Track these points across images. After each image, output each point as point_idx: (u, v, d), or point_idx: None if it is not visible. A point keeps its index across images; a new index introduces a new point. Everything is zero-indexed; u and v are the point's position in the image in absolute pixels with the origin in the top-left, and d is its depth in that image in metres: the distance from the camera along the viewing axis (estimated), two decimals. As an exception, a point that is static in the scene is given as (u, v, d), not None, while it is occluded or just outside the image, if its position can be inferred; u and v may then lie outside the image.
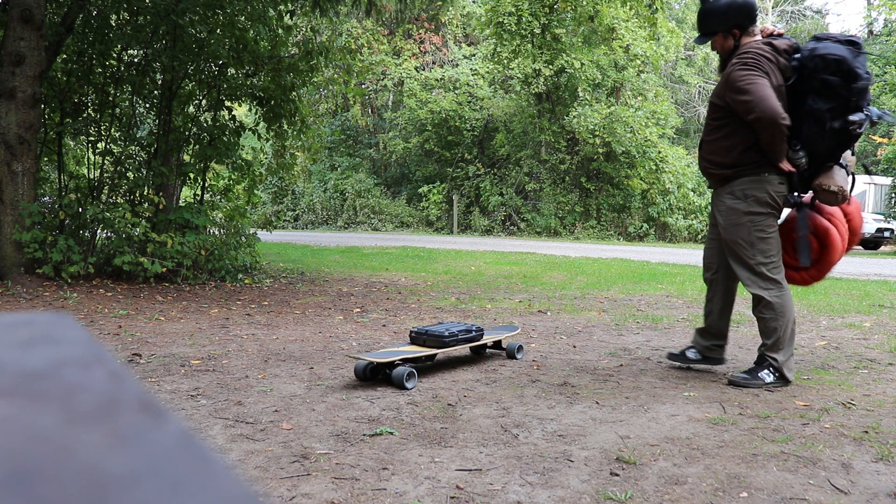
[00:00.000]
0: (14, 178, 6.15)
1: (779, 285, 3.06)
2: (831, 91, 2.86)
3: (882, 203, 18.96)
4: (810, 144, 2.97)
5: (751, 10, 3.04)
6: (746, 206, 3.04)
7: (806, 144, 2.98)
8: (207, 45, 7.05)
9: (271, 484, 1.95)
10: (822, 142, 2.94)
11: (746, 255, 3.07)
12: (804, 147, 2.98)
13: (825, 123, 2.88)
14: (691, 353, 3.43)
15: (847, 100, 2.86)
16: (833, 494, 1.89)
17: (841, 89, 2.84)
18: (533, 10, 18.13)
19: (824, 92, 2.87)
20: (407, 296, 6.37)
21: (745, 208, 3.05)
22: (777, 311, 3.03)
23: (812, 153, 3.01)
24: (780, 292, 3.05)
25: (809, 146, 2.98)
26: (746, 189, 3.04)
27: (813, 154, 3.00)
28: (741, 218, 3.05)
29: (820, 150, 2.99)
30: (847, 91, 2.84)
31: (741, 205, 3.05)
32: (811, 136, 2.94)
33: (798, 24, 32.22)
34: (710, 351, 3.38)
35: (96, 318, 4.78)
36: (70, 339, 0.32)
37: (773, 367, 3.04)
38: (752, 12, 3.06)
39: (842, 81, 2.83)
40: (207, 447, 0.25)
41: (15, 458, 0.22)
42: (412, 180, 23.95)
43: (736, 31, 3.05)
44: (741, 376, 3.10)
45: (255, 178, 8.13)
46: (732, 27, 3.05)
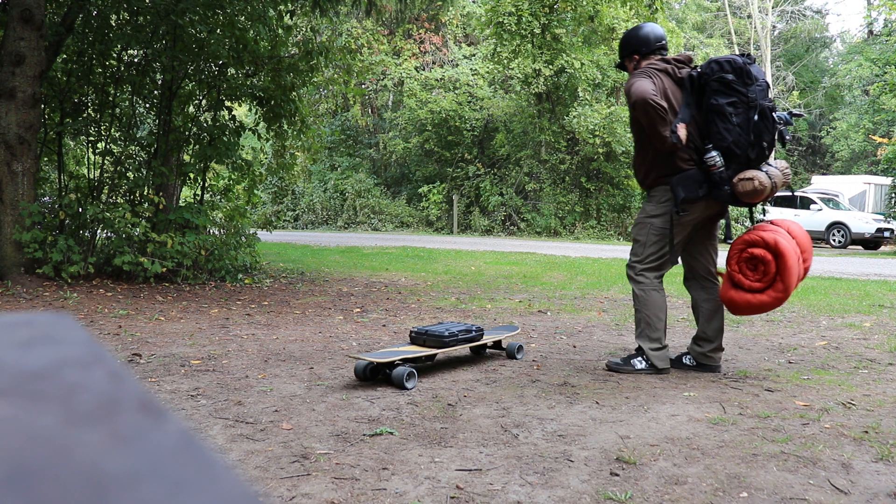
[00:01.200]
0: (14, 178, 6.15)
1: (647, 281, 3.33)
2: (729, 87, 3.12)
3: (882, 203, 18.97)
4: (719, 140, 3.13)
5: (644, 39, 3.39)
6: (654, 209, 3.33)
7: (715, 141, 3.15)
8: (207, 45, 7.05)
9: (271, 484, 1.95)
10: (730, 136, 3.10)
11: (635, 250, 3.39)
12: (716, 146, 3.14)
13: (728, 117, 3.10)
14: (687, 360, 3.46)
15: (746, 96, 3.09)
16: (833, 494, 1.89)
17: (737, 84, 3.10)
18: (533, 10, 18.13)
19: (722, 90, 3.13)
20: (407, 296, 6.37)
21: (652, 211, 3.33)
22: (641, 302, 3.35)
23: (728, 153, 3.13)
24: (645, 287, 3.34)
25: (719, 143, 3.14)
26: (660, 197, 3.31)
27: (729, 154, 3.13)
28: (646, 219, 3.35)
29: (735, 150, 3.11)
30: (744, 87, 3.10)
31: (651, 208, 3.35)
32: (719, 131, 3.13)
33: (798, 24, 32.22)
34: (704, 358, 3.42)
35: (96, 318, 4.78)
36: (70, 339, 0.32)
37: (644, 355, 3.34)
38: (648, 41, 3.38)
39: (736, 78, 3.11)
40: (207, 447, 0.25)
41: (15, 458, 0.22)
42: (412, 180, 23.95)
43: (635, 57, 3.41)
44: (616, 361, 3.42)
45: (255, 178, 8.13)
46: (631, 53, 3.43)
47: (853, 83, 27.84)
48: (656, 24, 3.48)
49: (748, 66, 3.13)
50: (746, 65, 3.14)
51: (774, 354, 3.83)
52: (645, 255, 3.36)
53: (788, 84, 30.48)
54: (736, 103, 3.10)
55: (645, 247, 3.36)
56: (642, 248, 3.37)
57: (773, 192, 3.18)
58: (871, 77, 25.86)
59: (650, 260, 3.35)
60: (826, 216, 16.96)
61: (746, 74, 3.11)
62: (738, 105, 3.10)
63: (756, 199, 3.17)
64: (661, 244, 3.32)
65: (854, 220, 16.60)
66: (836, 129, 28.61)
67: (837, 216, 16.87)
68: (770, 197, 3.24)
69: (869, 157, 27.29)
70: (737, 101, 3.10)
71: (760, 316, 5.20)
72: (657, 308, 3.33)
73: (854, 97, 28.46)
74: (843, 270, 9.45)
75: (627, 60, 3.47)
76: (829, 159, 31.25)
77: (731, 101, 3.11)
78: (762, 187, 3.08)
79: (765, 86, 3.15)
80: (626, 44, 3.46)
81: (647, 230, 3.35)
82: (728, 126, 3.11)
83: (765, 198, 3.17)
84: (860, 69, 26.67)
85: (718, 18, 31.46)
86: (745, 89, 3.10)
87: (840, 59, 33.08)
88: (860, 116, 26.87)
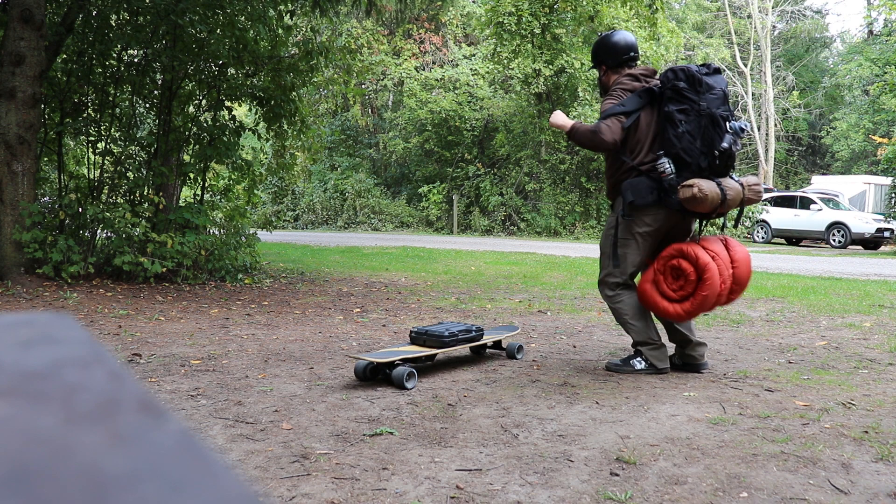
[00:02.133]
0: (14, 178, 6.15)
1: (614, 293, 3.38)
2: (680, 95, 3.14)
3: (882, 203, 18.97)
4: (668, 147, 3.15)
5: (612, 50, 3.42)
6: (613, 219, 3.37)
7: (666, 148, 3.16)
8: (207, 45, 7.04)
9: (271, 484, 1.95)
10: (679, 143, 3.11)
11: (602, 263, 3.44)
12: (666, 153, 3.15)
13: (677, 124, 3.11)
14: (676, 360, 3.48)
15: (697, 104, 3.10)
16: (833, 494, 1.89)
17: (688, 92, 3.12)
18: (533, 10, 18.12)
19: (675, 97, 3.15)
20: (407, 296, 6.37)
21: (612, 222, 3.38)
22: (617, 313, 3.39)
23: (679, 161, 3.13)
24: (613, 298, 3.37)
25: (669, 149, 3.15)
26: (619, 206, 3.34)
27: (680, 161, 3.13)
28: (609, 230, 3.40)
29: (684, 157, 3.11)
30: (696, 95, 3.12)
31: (612, 219, 3.39)
32: (669, 138, 3.14)
33: (798, 24, 32.22)
34: (687, 357, 3.44)
35: (96, 318, 4.78)
36: (70, 339, 0.32)
37: (643, 356, 3.35)
38: (615, 52, 3.42)
39: (688, 86, 3.13)
40: (207, 447, 0.25)
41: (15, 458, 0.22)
42: (412, 180, 23.95)
43: (603, 67, 3.47)
44: (615, 362, 3.43)
45: (255, 178, 8.13)
46: (599, 63, 3.50)
47: (853, 83, 27.85)
48: (628, 33, 3.49)
49: (702, 76, 3.15)
50: (702, 73, 3.16)
51: (774, 354, 3.83)
52: (608, 267, 3.40)
53: (788, 84, 30.49)
54: (687, 111, 3.11)
55: (608, 257, 3.40)
56: (606, 260, 3.42)
57: (725, 205, 3.13)
58: (871, 77, 25.87)
59: (613, 273, 3.38)
60: (826, 216, 16.96)
61: (698, 83, 3.13)
62: (688, 112, 3.11)
63: (699, 208, 3.11)
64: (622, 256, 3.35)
65: (854, 220, 16.60)
66: (836, 129, 28.62)
67: (837, 216, 16.87)
68: (723, 211, 3.20)
69: (869, 157, 27.29)
70: (688, 108, 3.11)
71: (760, 316, 5.20)
72: (635, 311, 3.34)
73: (854, 97, 28.46)
74: (843, 270, 9.46)
75: (596, 68, 3.55)
76: (829, 159, 31.26)
77: (681, 109, 3.12)
78: (702, 195, 3.03)
79: (721, 95, 3.16)
80: (594, 53, 3.51)
81: (609, 241, 3.40)
82: (677, 133, 3.11)
83: (711, 209, 3.12)
84: (860, 69, 26.68)
85: (718, 18, 31.46)
86: (697, 97, 3.12)
87: (840, 59, 33.09)
88: (860, 116, 26.87)
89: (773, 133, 28.24)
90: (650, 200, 3.21)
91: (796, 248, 16.48)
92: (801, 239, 17.67)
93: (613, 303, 3.38)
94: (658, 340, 3.35)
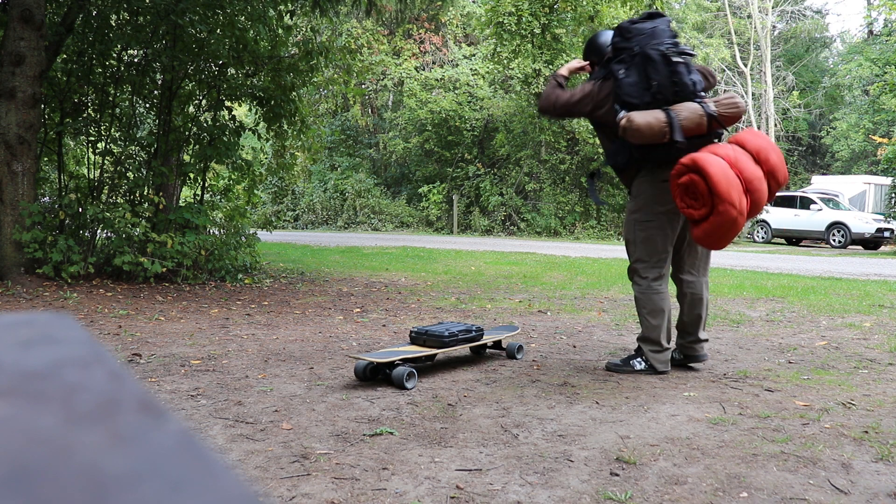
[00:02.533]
0: (14, 178, 6.15)
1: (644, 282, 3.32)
2: (617, 49, 3.24)
3: (882, 203, 18.97)
4: (618, 98, 3.17)
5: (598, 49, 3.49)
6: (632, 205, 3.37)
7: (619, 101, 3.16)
8: (207, 45, 7.04)
9: (271, 484, 1.95)
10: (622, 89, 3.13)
11: (629, 251, 3.42)
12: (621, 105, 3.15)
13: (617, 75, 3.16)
14: (676, 355, 3.48)
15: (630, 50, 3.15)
16: (833, 494, 1.89)
17: (621, 43, 3.21)
18: (533, 10, 18.12)
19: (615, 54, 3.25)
20: (407, 296, 6.37)
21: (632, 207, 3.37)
22: (638, 303, 3.37)
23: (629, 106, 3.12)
24: (642, 288, 3.34)
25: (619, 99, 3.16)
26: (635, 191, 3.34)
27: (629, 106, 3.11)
28: (629, 216, 3.39)
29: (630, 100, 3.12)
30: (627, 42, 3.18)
31: (630, 205, 3.40)
32: (616, 89, 3.17)
33: (798, 24, 32.22)
34: (687, 349, 3.44)
35: (96, 318, 4.78)
36: (70, 339, 0.32)
37: (644, 356, 3.34)
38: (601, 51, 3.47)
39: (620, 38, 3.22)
40: (207, 447, 0.25)
41: (15, 458, 0.22)
42: (412, 180, 23.94)
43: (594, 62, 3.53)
44: (615, 362, 3.42)
45: (255, 178, 8.13)
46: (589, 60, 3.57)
47: (853, 83, 27.85)
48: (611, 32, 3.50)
49: (631, 23, 3.21)
50: (633, 22, 3.22)
51: (774, 354, 3.83)
52: (637, 254, 3.36)
53: (788, 84, 30.49)
54: (623, 59, 3.17)
55: (635, 244, 3.36)
56: (633, 247, 3.38)
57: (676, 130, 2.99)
58: (871, 77, 25.87)
59: (644, 259, 3.34)
60: (826, 216, 16.96)
61: (626, 31, 3.21)
62: (625, 60, 3.17)
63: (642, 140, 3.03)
64: (649, 240, 3.31)
65: (854, 220, 16.60)
66: (836, 129, 28.62)
67: (837, 216, 16.87)
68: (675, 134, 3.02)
69: (869, 157, 27.30)
70: (624, 56, 3.18)
71: (760, 316, 5.20)
72: (655, 310, 3.32)
73: (854, 97, 28.46)
74: (843, 270, 9.46)
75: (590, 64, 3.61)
76: (829, 159, 31.26)
77: (619, 60, 3.19)
78: (629, 124, 3.00)
79: (649, 31, 3.15)
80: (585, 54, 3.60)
81: (632, 227, 3.37)
82: (619, 82, 3.16)
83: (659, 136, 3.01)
84: (860, 69, 26.68)
85: (718, 18, 31.46)
86: (628, 43, 3.18)
87: (840, 59, 33.09)
88: (860, 116, 26.87)
89: (773, 133, 28.24)
90: (622, 161, 3.25)
91: (796, 248, 16.48)
92: (801, 239, 17.67)
93: (639, 292, 3.36)
94: (665, 345, 3.34)
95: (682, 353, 3.46)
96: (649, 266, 3.32)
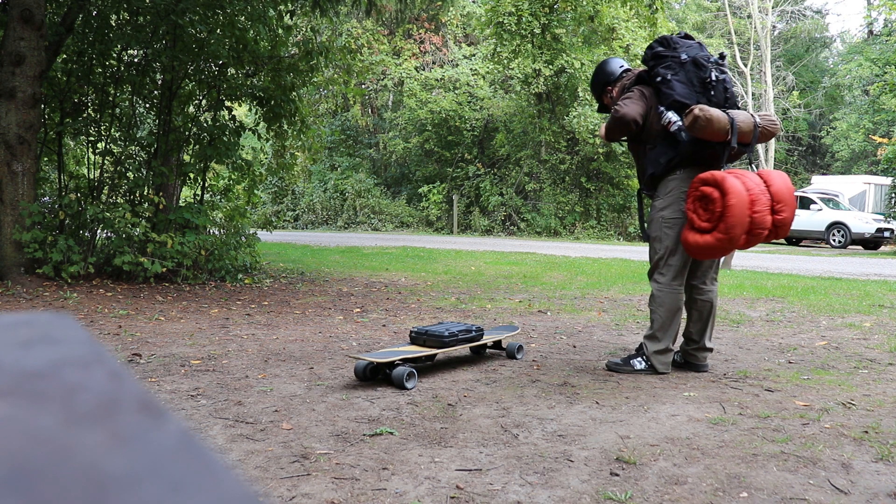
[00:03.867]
0: (14, 178, 6.15)
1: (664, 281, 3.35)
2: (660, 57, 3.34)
3: (882, 203, 18.97)
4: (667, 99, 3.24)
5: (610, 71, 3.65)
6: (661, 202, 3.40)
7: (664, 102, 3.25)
8: (207, 45, 7.04)
9: (271, 484, 1.95)
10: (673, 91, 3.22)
11: (654, 248, 3.43)
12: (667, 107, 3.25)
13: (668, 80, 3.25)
14: (678, 358, 3.50)
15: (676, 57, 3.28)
16: (833, 494, 1.89)
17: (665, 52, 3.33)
18: (533, 10, 18.12)
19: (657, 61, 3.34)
20: (407, 296, 6.37)
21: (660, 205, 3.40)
22: (654, 301, 3.38)
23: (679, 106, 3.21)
24: (661, 287, 3.36)
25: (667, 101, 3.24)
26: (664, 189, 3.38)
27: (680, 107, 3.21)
28: (656, 214, 3.42)
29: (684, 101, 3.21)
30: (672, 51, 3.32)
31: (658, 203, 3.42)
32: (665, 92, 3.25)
33: (798, 24, 32.22)
34: (689, 356, 3.46)
35: (96, 318, 4.78)
36: (70, 339, 0.32)
37: (645, 356, 3.35)
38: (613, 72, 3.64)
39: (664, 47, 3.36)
40: (207, 447, 0.25)
41: (15, 458, 0.22)
42: (412, 180, 23.95)
43: (609, 88, 3.65)
44: (616, 361, 3.42)
45: (255, 178, 8.13)
46: (604, 87, 3.67)
47: (853, 83, 27.85)
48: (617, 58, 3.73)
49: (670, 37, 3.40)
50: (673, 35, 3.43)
51: (774, 354, 3.83)
52: (661, 252, 3.35)
53: (788, 84, 30.48)
54: (670, 65, 3.28)
55: (661, 242, 3.35)
56: (659, 245, 3.37)
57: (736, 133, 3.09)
58: (871, 77, 25.87)
59: (667, 257, 3.33)
60: (826, 216, 16.96)
61: (671, 41, 3.37)
62: (672, 66, 3.27)
63: (708, 134, 3.07)
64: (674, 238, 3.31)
65: (854, 220, 16.60)
66: (836, 129, 28.62)
67: (837, 216, 16.87)
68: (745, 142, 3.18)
69: (869, 157, 27.30)
70: (670, 62, 3.28)
71: (760, 316, 5.20)
72: (672, 308, 3.32)
73: (854, 97, 28.46)
74: (843, 270, 9.46)
75: (604, 96, 3.70)
76: (829, 159, 31.26)
77: (665, 65, 3.29)
78: (704, 115, 3.01)
79: (696, 44, 3.38)
80: (594, 83, 3.72)
81: (659, 224, 3.35)
82: (669, 84, 3.25)
83: (722, 134, 3.07)
84: (860, 69, 26.68)
85: (718, 18, 31.46)
86: (674, 52, 3.31)
87: (840, 59, 33.09)
88: (860, 116, 26.87)
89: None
90: (664, 161, 3.26)
91: (796, 248, 16.48)
92: (801, 239, 17.67)
93: (658, 290, 3.36)
94: (671, 346, 3.35)
95: (683, 358, 3.47)
96: (671, 265, 3.33)
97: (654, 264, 3.40)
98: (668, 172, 3.31)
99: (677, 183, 3.29)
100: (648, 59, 3.38)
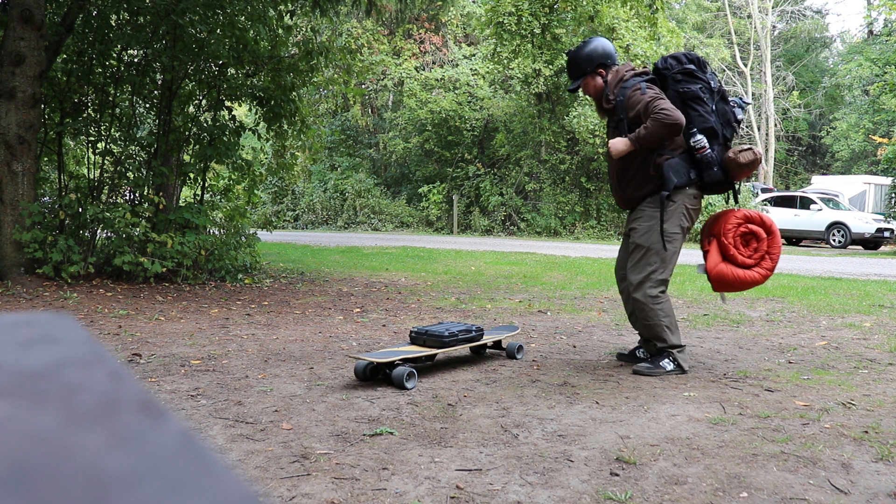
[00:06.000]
0: (14, 178, 6.15)
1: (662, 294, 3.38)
2: (693, 76, 3.29)
3: (882, 203, 18.97)
4: (701, 122, 3.25)
5: (609, 53, 3.46)
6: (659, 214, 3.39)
7: (698, 125, 3.25)
8: (207, 45, 7.04)
9: (271, 484, 1.95)
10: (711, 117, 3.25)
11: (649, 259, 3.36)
12: (700, 129, 3.25)
13: (705, 102, 3.25)
14: (641, 354, 3.53)
15: (708, 83, 3.28)
16: (833, 494, 1.89)
17: (699, 73, 3.30)
18: (533, 10, 18.12)
19: (689, 79, 3.29)
20: (407, 296, 6.37)
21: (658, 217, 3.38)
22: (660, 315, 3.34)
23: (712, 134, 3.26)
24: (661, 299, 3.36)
25: (702, 125, 3.25)
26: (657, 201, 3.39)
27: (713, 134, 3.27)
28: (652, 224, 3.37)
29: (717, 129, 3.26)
30: (703, 74, 3.30)
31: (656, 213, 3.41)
32: (700, 115, 3.25)
33: (798, 24, 32.22)
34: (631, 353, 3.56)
35: (96, 318, 4.78)
36: (70, 339, 0.32)
37: (671, 357, 3.32)
38: (612, 54, 3.47)
39: (697, 68, 3.32)
40: (207, 447, 0.25)
41: (15, 458, 0.22)
42: (412, 180, 23.94)
43: (601, 71, 3.44)
44: (644, 367, 3.34)
45: (255, 178, 8.13)
46: (598, 67, 3.43)
47: (853, 83, 27.85)
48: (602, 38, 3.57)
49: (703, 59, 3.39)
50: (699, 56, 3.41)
51: (774, 354, 3.83)
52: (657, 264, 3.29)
53: (788, 84, 30.48)
54: (703, 89, 3.27)
55: (657, 254, 3.29)
56: (655, 256, 3.29)
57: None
58: (871, 77, 25.88)
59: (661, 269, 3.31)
60: (826, 216, 16.96)
61: (704, 64, 3.35)
62: (705, 91, 3.26)
63: (751, 171, 3.29)
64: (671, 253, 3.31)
65: (854, 220, 16.60)
66: (836, 129, 28.63)
67: (837, 216, 16.87)
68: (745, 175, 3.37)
69: (869, 157, 27.30)
70: (703, 87, 3.28)
71: (760, 316, 5.20)
72: (672, 316, 3.36)
73: (854, 97, 28.47)
74: (843, 270, 9.46)
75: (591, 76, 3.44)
76: (829, 159, 31.26)
77: (700, 87, 3.27)
78: (759, 156, 3.24)
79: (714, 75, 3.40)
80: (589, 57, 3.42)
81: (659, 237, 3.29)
82: (707, 109, 3.25)
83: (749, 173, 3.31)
84: (860, 69, 26.69)
85: (718, 18, 31.46)
86: (705, 76, 3.31)
87: (840, 59, 33.09)
88: (860, 116, 26.88)
89: (773, 133, 28.23)
90: (692, 178, 3.28)
91: (796, 248, 16.48)
92: (801, 239, 17.67)
93: (655, 303, 3.27)
94: (683, 343, 3.40)
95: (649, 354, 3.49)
96: (662, 279, 3.33)
97: (645, 276, 3.30)
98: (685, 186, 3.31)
99: (684, 199, 3.30)
100: (675, 70, 3.30)
